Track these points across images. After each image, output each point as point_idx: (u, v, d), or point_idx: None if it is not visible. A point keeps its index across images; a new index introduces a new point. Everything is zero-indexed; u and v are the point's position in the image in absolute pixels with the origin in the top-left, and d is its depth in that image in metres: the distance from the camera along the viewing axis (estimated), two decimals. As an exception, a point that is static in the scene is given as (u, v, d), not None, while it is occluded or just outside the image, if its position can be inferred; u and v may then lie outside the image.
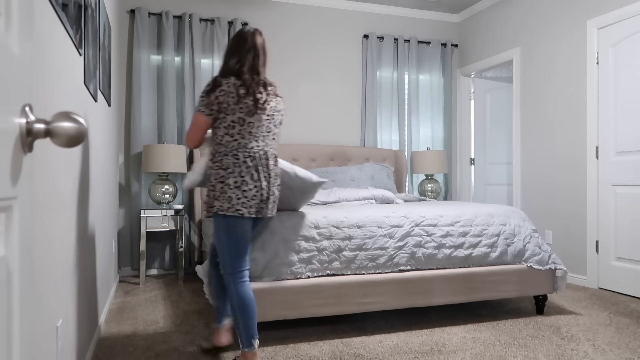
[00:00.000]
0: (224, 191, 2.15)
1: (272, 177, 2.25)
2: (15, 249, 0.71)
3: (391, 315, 3.16)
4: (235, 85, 2.19)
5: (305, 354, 2.48)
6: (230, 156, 2.18)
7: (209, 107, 2.19)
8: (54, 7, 1.48)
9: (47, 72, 1.39)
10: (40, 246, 1.30)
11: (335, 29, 5.24)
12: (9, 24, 0.70)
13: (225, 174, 2.17)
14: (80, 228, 2.04)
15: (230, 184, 2.15)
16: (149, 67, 4.55)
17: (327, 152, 4.93)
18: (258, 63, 2.29)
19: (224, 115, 2.19)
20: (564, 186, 4.27)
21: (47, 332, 1.40)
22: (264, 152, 2.24)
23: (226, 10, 4.85)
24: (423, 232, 2.91)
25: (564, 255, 4.24)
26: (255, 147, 2.21)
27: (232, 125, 2.19)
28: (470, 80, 5.62)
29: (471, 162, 5.58)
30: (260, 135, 2.24)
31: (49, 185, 1.43)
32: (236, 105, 2.17)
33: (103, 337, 2.75)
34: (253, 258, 2.56)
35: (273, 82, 2.37)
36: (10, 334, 0.69)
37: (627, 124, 3.70)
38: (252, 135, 2.21)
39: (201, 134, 2.27)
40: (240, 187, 2.16)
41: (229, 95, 2.17)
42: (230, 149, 2.20)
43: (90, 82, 2.34)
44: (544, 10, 4.50)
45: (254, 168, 2.19)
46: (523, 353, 2.47)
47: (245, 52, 2.27)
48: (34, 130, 0.74)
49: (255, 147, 2.22)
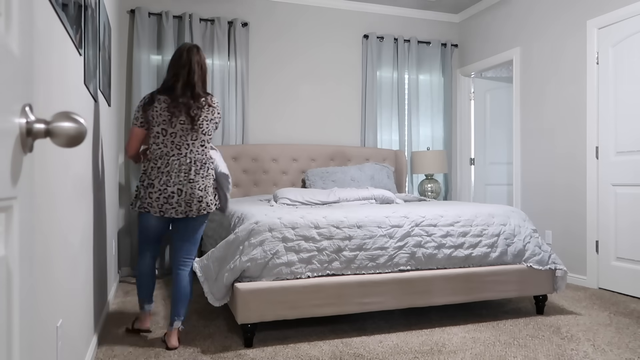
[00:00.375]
0: (141, 191, 2.53)
1: (193, 182, 2.52)
2: (15, 249, 0.71)
3: (391, 315, 3.16)
4: (167, 101, 2.51)
5: (305, 354, 2.48)
6: (152, 162, 2.52)
7: (140, 120, 2.56)
8: (54, 7, 1.48)
9: (47, 72, 1.39)
10: (40, 246, 1.30)
11: (335, 29, 5.24)
12: (9, 24, 0.70)
13: (145, 177, 2.52)
14: (80, 228, 2.04)
15: (146, 185, 2.51)
16: (149, 67, 4.55)
17: (327, 152, 4.93)
18: (193, 78, 2.55)
19: (153, 127, 2.53)
20: (564, 186, 4.27)
21: (47, 332, 1.40)
22: (187, 159, 2.52)
23: (226, 10, 4.85)
24: (423, 232, 2.91)
25: (564, 255, 4.24)
26: (176, 155, 2.51)
27: (157, 136, 2.52)
28: (470, 80, 5.62)
29: (471, 162, 5.58)
30: (184, 144, 2.52)
31: (49, 185, 1.43)
32: (164, 119, 2.50)
33: (103, 336, 2.74)
34: (253, 258, 2.56)
35: (207, 94, 2.62)
36: (10, 334, 0.69)
37: (627, 124, 3.70)
38: (174, 144, 2.51)
39: (136, 143, 2.61)
40: (151, 188, 2.50)
41: (159, 109, 2.50)
42: (154, 156, 2.53)
43: (90, 82, 2.34)
44: (544, 10, 4.50)
45: (167, 174, 2.49)
46: (523, 353, 2.47)
47: (181, 67, 2.55)
48: (34, 130, 0.74)
49: (176, 155, 2.51)
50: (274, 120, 5.02)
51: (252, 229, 2.64)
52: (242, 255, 2.57)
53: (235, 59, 4.76)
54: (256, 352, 2.50)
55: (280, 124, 5.04)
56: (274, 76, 5.04)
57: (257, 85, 4.97)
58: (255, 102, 4.96)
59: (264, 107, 4.99)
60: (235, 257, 2.58)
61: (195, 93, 2.54)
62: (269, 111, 5.01)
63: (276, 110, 5.03)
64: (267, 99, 5.00)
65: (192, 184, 2.51)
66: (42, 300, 1.32)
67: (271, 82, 5.02)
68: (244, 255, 2.57)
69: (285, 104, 5.06)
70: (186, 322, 3.02)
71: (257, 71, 4.97)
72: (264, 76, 4.99)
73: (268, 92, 5.01)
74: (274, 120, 5.02)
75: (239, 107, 4.78)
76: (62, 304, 1.64)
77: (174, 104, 2.50)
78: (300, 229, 2.70)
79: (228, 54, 4.78)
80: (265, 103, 5.00)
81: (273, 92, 5.02)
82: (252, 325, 2.56)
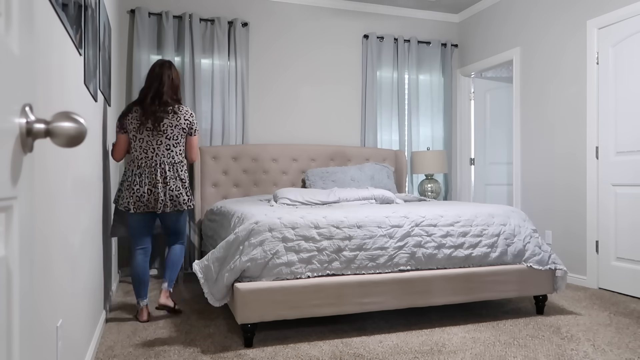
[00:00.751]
0: (121, 191, 2.94)
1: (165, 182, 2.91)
2: (15, 249, 0.71)
3: (391, 315, 3.16)
4: (138, 110, 2.92)
5: (305, 354, 2.48)
6: (129, 165, 2.95)
7: (120, 127, 2.99)
8: (54, 7, 1.48)
9: (47, 72, 1.39)
10: (40, 246, 1.30)
11: (335, 29, 5.24)
12: (9, 24, 0.70)
13: (125, 179, 2.94)
14: (80, 228, 2.04)
15: (125, 186, 2.93)
16: (149, 67, 4.53)
17: (327, 152, 4.93)
18: (162, 88, 2.93)
19: (129, 134, 2.95)
20: (564, 186, 4.27)
21: (47, 332, 1.40)
22: (154, 162, 2.91)
23: (226, 10, 4.85)
24: (423, 232, 2.91)
25: (564, 255, 4.24)
26: (144, 159, 2.91)
27: (131, 142, 2.96)
28: (470, 80, 5.62)
29: (471, 162, 5.58)
30: (150, 148, 2.91)
31: (49, 185, 1.43)
32: (135, 127, 2.91)
33: (103, 336, 2.75)
34: (253, 258, 2.56)
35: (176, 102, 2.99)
36: (10, 334, 0.69)
37: (627, 124, 3.70)
38: (142, 149, 2.92)
39: (120, 147, 3.02)
40: (128, 189, 2.91)
41: (133, 118, 2.93)
42: (130, 160, 2.98)
43: (90, 82, 2.34)
44: (544, 10, 4.50)
45: (139, 175, 2.89)
46: (523, 353, 2.47)
47: (153, 79, 2.96)
48: (34, 130, 0.74)
49: (144, 158, 2.91)
50: (274, 120, 5.02)
51: (252, 229, 2.64)
52: (242, 255, 2.57)
53: (235, 59, 4.76)
54: (256, 352, 2.50)
55: (280, 124, 5.04)
56: (274, 76, 5.04)
57: (257, 85, 4.97)
58: (255, 102, 4.96)
59: (264, 107, 4.99)
60: (235, 257, 2.58)
61: (163, 101, 2.91)
62: (269, 111, 5.01)
63: (276, 110, 5.03)
64: (267, 99, 5.00)
65: (163, 184, 2.91)
66: (42, 300, 1.32)
67: (271, 82, 5.02)
68: (244, 255, 2.57)
69: (286, 104, 5.06)
70: (186, 322, 3.02)
71: (257, 71, 4.97)
72: (264, 76, 4.99)
73: (268, 92, 5.01)
74: (274, 120, 5.02)
75: (239, 107, 4.78)
76: (62, 304, 1.64)
77: (143, 112, 2.90)
78: (300, 229, 2.70)
79: (228, 54, 4.78)
80: (265, 103, 5.00)
81: (273, 92, 5.02)
82: (252, 325, 2.56)
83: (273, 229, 2.66)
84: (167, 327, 2.91)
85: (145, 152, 2.91)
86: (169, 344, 2.63)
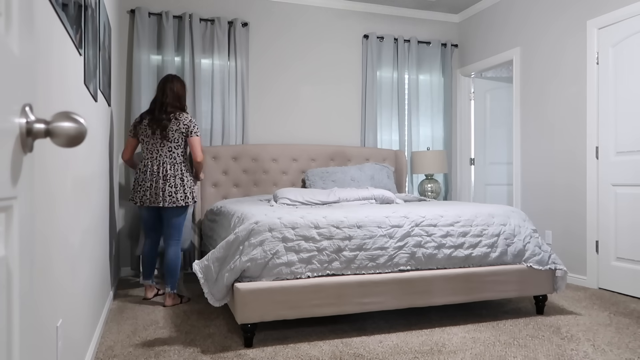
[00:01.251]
0: (134, 187, 3.38)
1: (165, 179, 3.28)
2: (15, 249, 0.71)
3: (391, 315, 3.16)
4: (147, 118, 3.38)
5: (305, 354, 2.48)
6: (140, 165, 3.39)
7: (132, 132, 3.48)
8: (54, 7, 1.48)
9: (47, 72, 1.39)
10: (40, 246, 1.30)
11: (335, 29, 5.24)
12: (9, 24, 0.70)
13: (136, 177, 3.38)
14: (80, 228, 2.04)
15: (136, 184, 3.36)
16: (149, 67, 4.55)
17: (327, 152, 4.93)
18: (166, 100, 3.37)
19: (139, 138, 3.41)
20: (564, 186, 4.27)
21: (47, 332, 1.40)
22: (157, 162, 3.32)
23: (226, 10, 4.85)
24: (423, 232, 2.91)
25: (564, 255, 4.24)
26: (149, 159, 3.34)
27: (141, 145, 3.43)
28: (470, 80, 5.62)
29: (471, 162, 5.58)
30: (155, 150, 3.33)
31: (49, 185, 1.43)
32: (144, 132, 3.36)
33: (103, 337, 2.75)
34: (253, 258, 2.56)
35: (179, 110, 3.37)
36: (10, 334, 0.69)
37: (627, 124, 3.70)
38: (148, 150, 3.36)
39: (129, 149, 3.53)
40: (137, 185, 3.35)
41: (142, 125, 3.39)
42: (140, 160, 3.53)
43: (90, 82, 2.34)
44: (544, 10, 4.50)
45: (144, 173, 3.33)
46: (523, 353, 2.47)
47: (159, 92, 3.41)
48: (34, 130, 0.74)
49: (150, 158, 3.34)
50: (274, 120, 5.02)
51: (252, 229, 2.64)
52: (242, 255, 2.57)
53: (235, 59, 4.76)
54: (256, 352, 2.50)
55: (280, 124, 5.04)
56: (274, 76, 5.04)
57: (257, 85, 4.97)
58: (255, 102, 4.96)
59: (264, 107, 4.99)
60: (235, 257, 2.58)
61: (167, 110, 3.34)
62: (269, 111, 5.01)
63: (276, 110, 5.03)
64: (267, 99, 5.00)
65: (163, 181, 3.28)
66: (42, 301, 1.32)
67: (271, 82, 5.02)
68: (244, 255, 2.57)
69: (286, 104, 5.06)
70: (186, 322, 3.02)
71: (257, 71, 4.97)
72: (264, 76, 4.99)
73: (268, 92, 5.01)
74: (274, 120, 5.02)
75: (239, 107, 4.78)
76: (62, 304, 1.64)
77: (151, 121, 3.34)
78: (300, 229, 2.70)
79: (228, 54, 4.78)
80: (265, 103, 5.00)
81: (273, 92, 5.02)
82: (252, 325, 2.56)
83: (273, 229, 2.66)
84: (167, 327, 2.91)
85: (151, 154, 3.34)
86: (169, 344, 2.63)
